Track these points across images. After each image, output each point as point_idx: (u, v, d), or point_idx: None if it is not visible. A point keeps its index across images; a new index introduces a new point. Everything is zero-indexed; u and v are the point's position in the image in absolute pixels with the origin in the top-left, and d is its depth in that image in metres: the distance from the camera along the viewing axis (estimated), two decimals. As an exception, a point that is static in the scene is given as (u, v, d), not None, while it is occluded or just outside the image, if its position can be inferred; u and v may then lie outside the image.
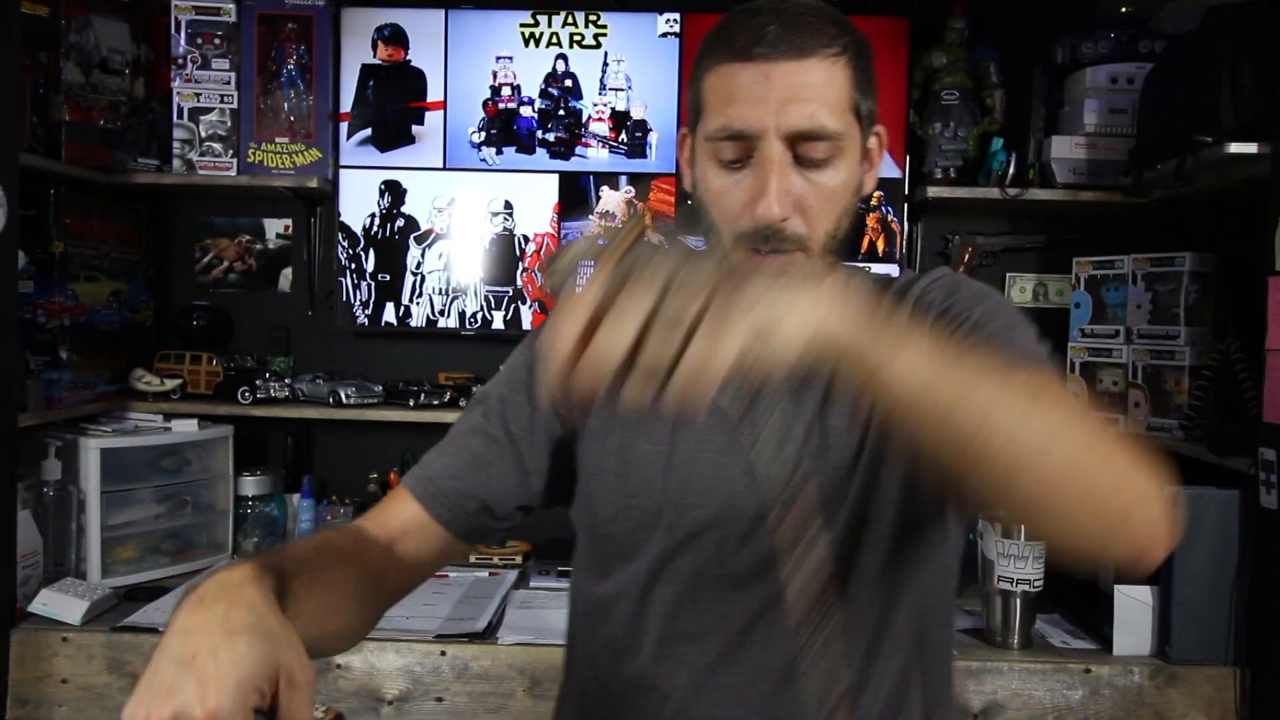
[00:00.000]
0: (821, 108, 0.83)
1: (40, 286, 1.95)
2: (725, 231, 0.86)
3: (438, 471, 0.95)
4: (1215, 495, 1.65)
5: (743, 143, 0.83)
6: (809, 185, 0.84)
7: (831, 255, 0.88)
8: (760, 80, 0.82)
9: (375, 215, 2.22)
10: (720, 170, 0.86)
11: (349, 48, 2.19)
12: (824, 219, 0.86)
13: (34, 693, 1.70)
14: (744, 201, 0.84)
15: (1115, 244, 2.12)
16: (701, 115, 0.87)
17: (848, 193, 0.87)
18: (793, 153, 0.83)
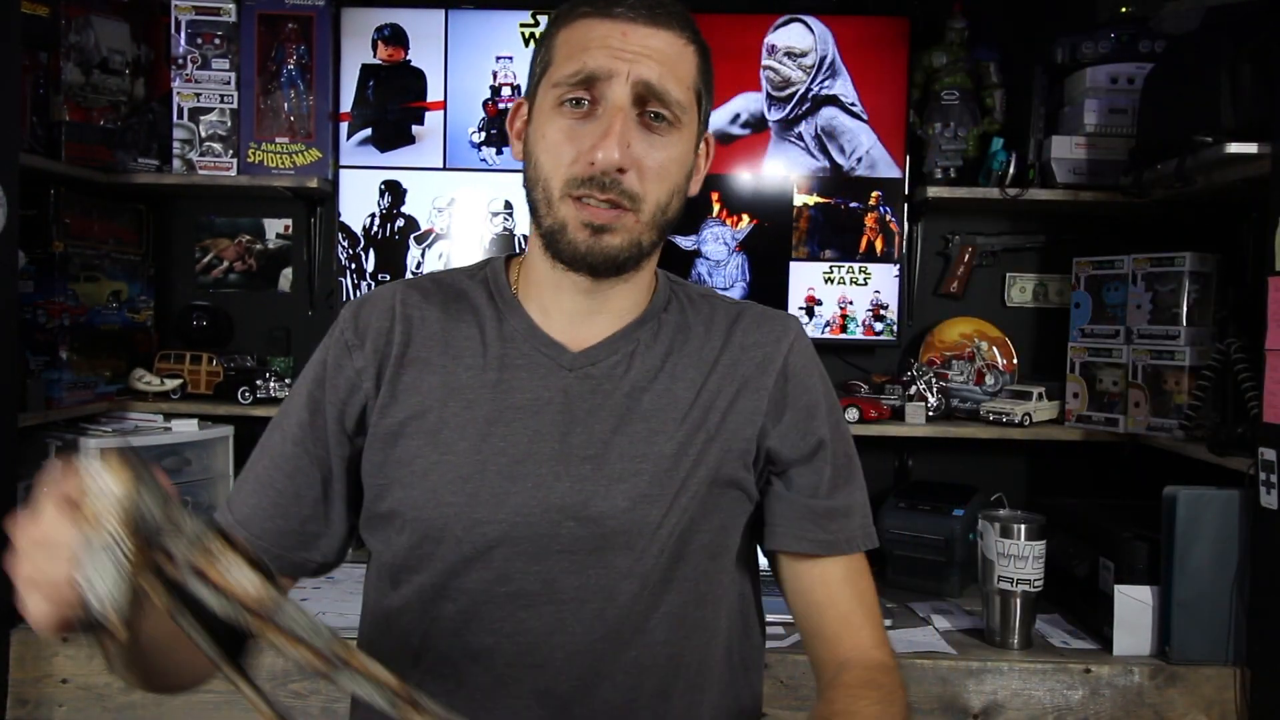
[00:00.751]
0: (670, 74, 0.85)
1: (40, 286, 1.95)
2: (556, 179, 0.86)
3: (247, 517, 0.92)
4: (1215, 495, 1.65)
5: (591, 88, 0.84)
6: (648, 148, 0.86)
7: (657, 234, 0.90)
8: (617, 34, 0.84)
9: (375, 215, 2.22)
10: (562, 117, 0.86)
11: (349, 48, 2.19)
12: (656, 185, 0.87)
13: (34, 693, 1.70)
14: (582, 149, 0.84)
15: (1115, 244, 2.12)
16: (550, 67, 0.88)
17: (680, 171, 0.89)
18: (637, 111, 0.85)
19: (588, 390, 0.91)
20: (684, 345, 0.95)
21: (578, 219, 0.86)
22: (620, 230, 0.87)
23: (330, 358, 0.94)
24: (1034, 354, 2.29)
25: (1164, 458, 1.93)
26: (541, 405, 0.90)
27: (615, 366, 0.92)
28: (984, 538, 1.74)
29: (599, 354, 0.93)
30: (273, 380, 2.16)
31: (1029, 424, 2.05)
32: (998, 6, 2.22)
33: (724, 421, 0.92)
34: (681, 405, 0.92)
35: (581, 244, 0.86)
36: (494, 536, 0.87)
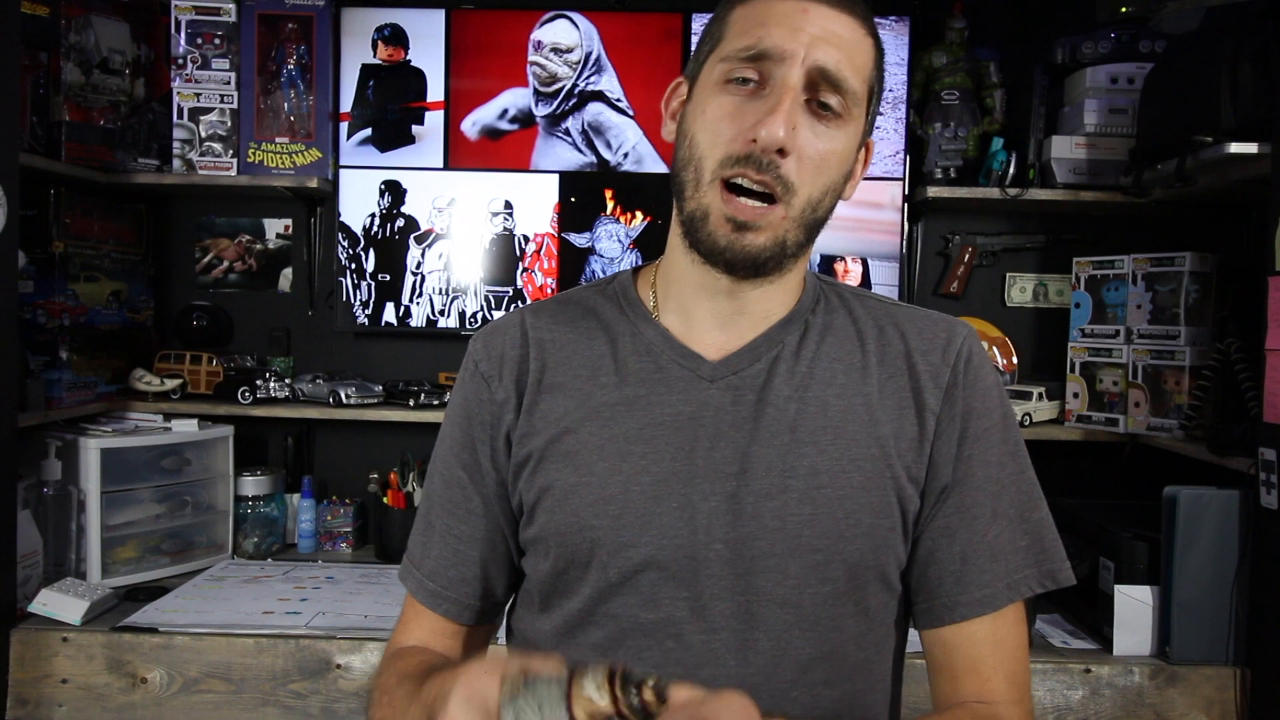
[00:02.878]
0: (847, 62, 0.79)
1: (40, 286, 1.95)
2: (710, 159, 0.80)
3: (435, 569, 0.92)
4: (1215, 495, 1.65)
5: (763, 65, 0.79)
6: (812, 136, 0.79)
7: (805, 233, 0.83)
8: (798, 13, 0.79)
9: (375, 215, 2.22)
10: (727, 93, 0.80)
11: (349, 48, 2.19)
12: (813, 178, 0.80)
13: (34, 693, 1.70)
14: (744, 127, 0.79)
15: (1115, 244, 2.12)
16: (721, 42, 0.82)
17: (839, 167, 0.82)
18: (807, 97, 0.79)
19: (730, 401, 0.85)
20: (835, 348, 0.88)
21: (722, 211, 0.80)
22: (765, 228, 0.80)
23: (470, 393, 0.91)
24: (1034, 354, 2.29)
25: (1164, 458, 1.93)
26: (683, 420, 0.85)
27: (759, 374, 0.86)
28: (984, 538, 1.73)
29: (740, 362, 0.87)
30: (273, 380, 2.16)
31: (1029, 424, 2.05)
32: (998, 6, 2.22)
33: (886, 435, 0.85)
34: (833, 413, 0.85)
35: (722, 238, 0.80)
36: (640, 560, 0.82)
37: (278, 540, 2.24)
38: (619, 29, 2.18)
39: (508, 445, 0.89)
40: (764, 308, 0.87)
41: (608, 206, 2.20)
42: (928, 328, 0.90)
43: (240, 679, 1.69)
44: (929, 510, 0.86)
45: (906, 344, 0.89)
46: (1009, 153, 2.06)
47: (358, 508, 2.29)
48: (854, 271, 2.19)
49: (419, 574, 0.93)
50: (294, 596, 1.89)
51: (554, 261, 2.22)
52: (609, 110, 2.18)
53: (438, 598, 0.91)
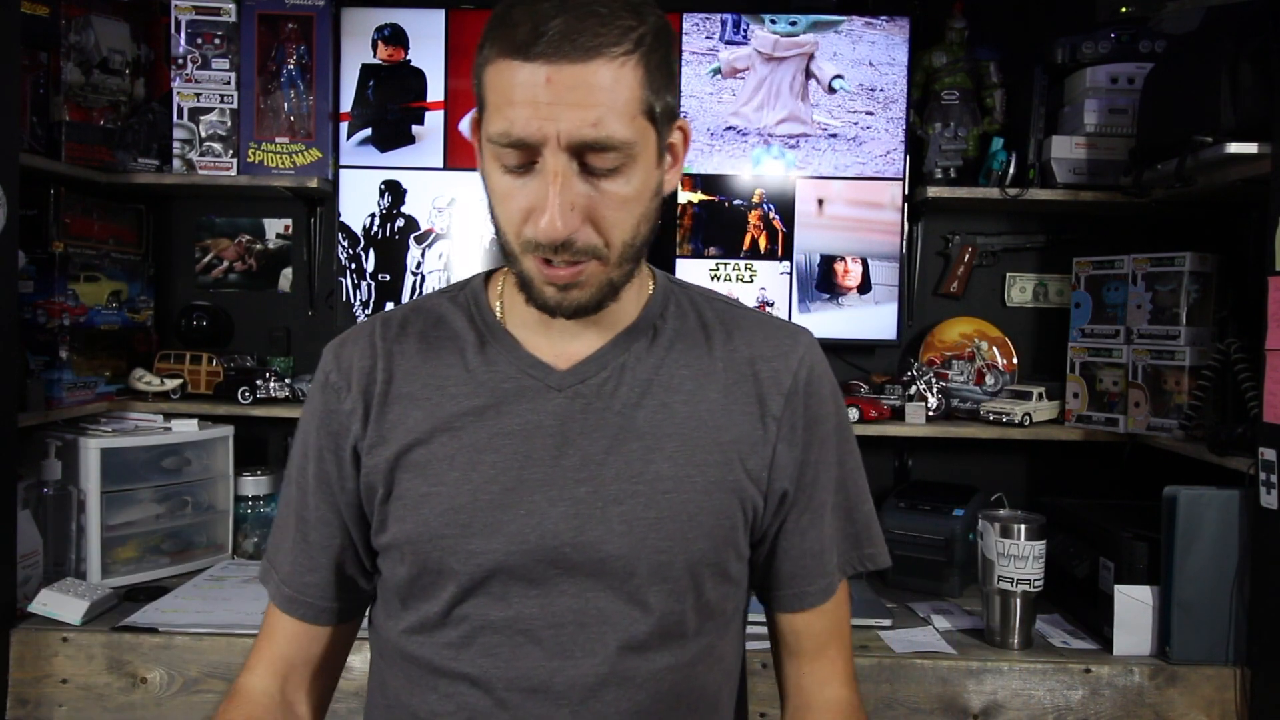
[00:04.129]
0: (609, 114, 0.74)
1: (40, 286, 1.95)
2: (511, 236, 0.81)
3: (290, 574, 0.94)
4: (1215, 495, 1.65)
5: (524, 150, 0.76)
6: (598, 194, 0.77)
7: (632, 263, 0.84)
8: (540, 83, 0.73)
9: (375, 215, 2.22)
10: (503, 174, 0.79)
11: (349, 48, 2.19)
12: (619, 227, 0.80)
13: (34, 693, 1.70)
14: (528, 209, 0.78)
15: (1115, 244, 2.12)
16: (484, 110, 0.79)
17: (644, 199, 0.81)
18: (579, 161, 0.76)
19: (579, 410, 0.87)
20: (682, 354, 0.91)
21: (542, 276, 0.81)
22: (587, 283, 0.81)
23: (320, 403, 0.93)
24: (1034, 354, 2.29)
25: (1164, 458, 1.93)
26: (531, 429, 0.86)
27: (606, 382, 0.88)
28: (984, 538, 1.74)
29: (588, 370, 0.88)
30: (273, 380, 2.16)
31: (1029, 424, 2.05)
32: (998, 6, 2.22)
33: (729, 440, 0.88)
34: (679, 419, 0.88)
35: (551, 299, 0.82)
36: (490, 566, 0.85)
37: (278, 540, 2.24)
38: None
39: (355, 455, 0.90)
40: (610, 316, 0.89)
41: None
42: (773, 334, 0.93)
43: (240, 679, 1.69)
44: (774, 509, 0.92)
45: (752, 349, 0.92)
46: (1009, 153, 2.06)
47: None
48: (854, 271, 2.19)
49: (275, 577, 0.96)
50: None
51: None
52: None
53: (293, 603, 0.94)
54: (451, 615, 0.87)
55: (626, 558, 0.85)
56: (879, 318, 2.19)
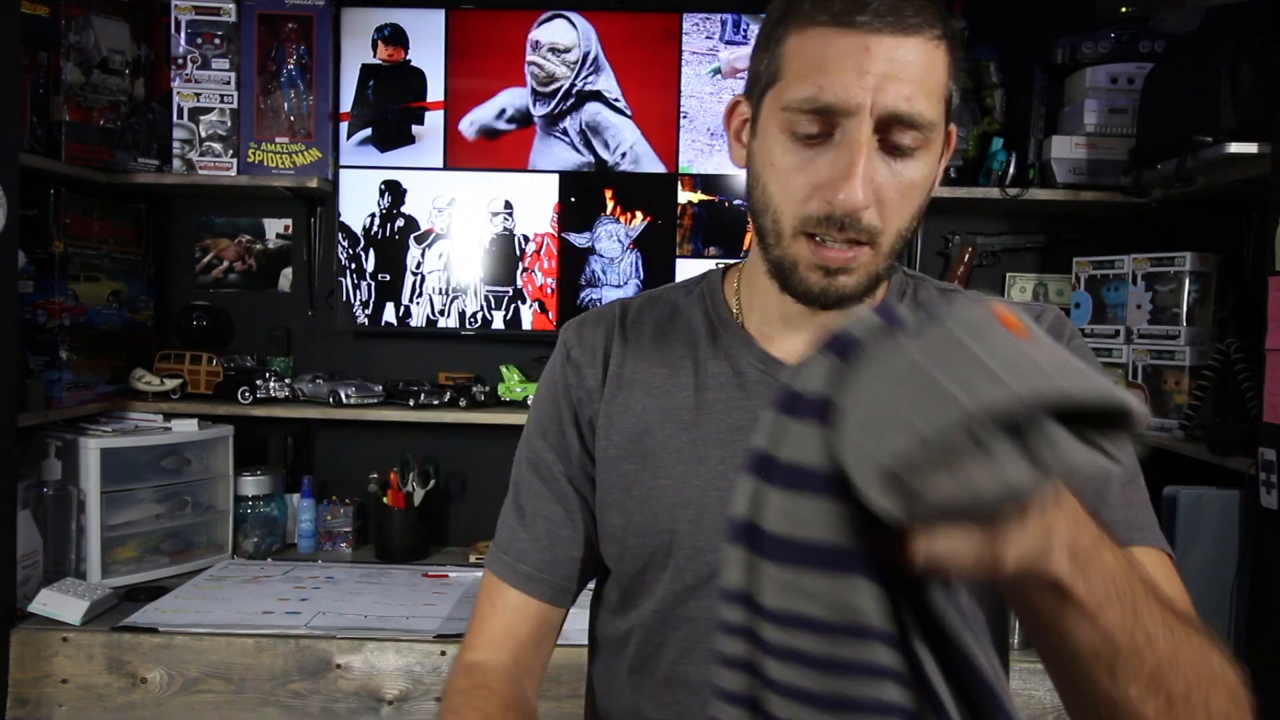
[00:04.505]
0: (920, 92, 0.73)
1: (40, 286, 1.95)
2: (788, 214, 0.77)
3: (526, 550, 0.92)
4: (1215, 495, 1.65)
5: (828, 118, 0.74)
6: (891, 175, 0.75)
7: (896, 257, 0.81)
8: (860, 51, 0.72)
9: (375, 215, 2.22)
10: (793, 145, 0.76)
11: (349, 48, 2.19)
12: (899, 214, 0.77)
13: (34, 693, 1.70)
14: (818, 183, 0.75)
15: (1115, 244, 2.12)
16: (779, 81, 0.76)
17: (924, 189, 0.79)
18: (879, 137, 0.74)
19: None
20: None
21: (811, 260, 0.78)
22: (857, 270, 0.78)
23: (562, 378, 0.92)
24: (1034, 354, 2.29)
25: (1164, 458, 1.93)
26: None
27: None
28: (984, 538, 1.73)
29: None
30: (273, 380, 2.16)
31: (1029, 424, 2.05)
32: (998, 6, 2.22)
33: None
34: None
35: (815, 285, 0.79)
36: (718, 564, 0.81)
37: (278, 540, 2.24)
38: (617, 29, 2.18)
39: (594, 429, 0.90)
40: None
41: (608, 206, 2.20)
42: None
43: (240, 679, 1.69)
44: None
45: None
46: (1009, 153, 2.06)
47: (358, 508, 2.29)
48: (854, 271, 2.19)
49: (507, 558, 0.92)
50: (294, 596, 1.89)
51: (554, 261, 2.22)
52: (607, 110, 2.18)
53: (531, 580, 0.91)
54: (674, 615, 0.85)
55: None
56: (879, 318, 2.19)
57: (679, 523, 0.84)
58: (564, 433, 0.91)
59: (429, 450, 2.28)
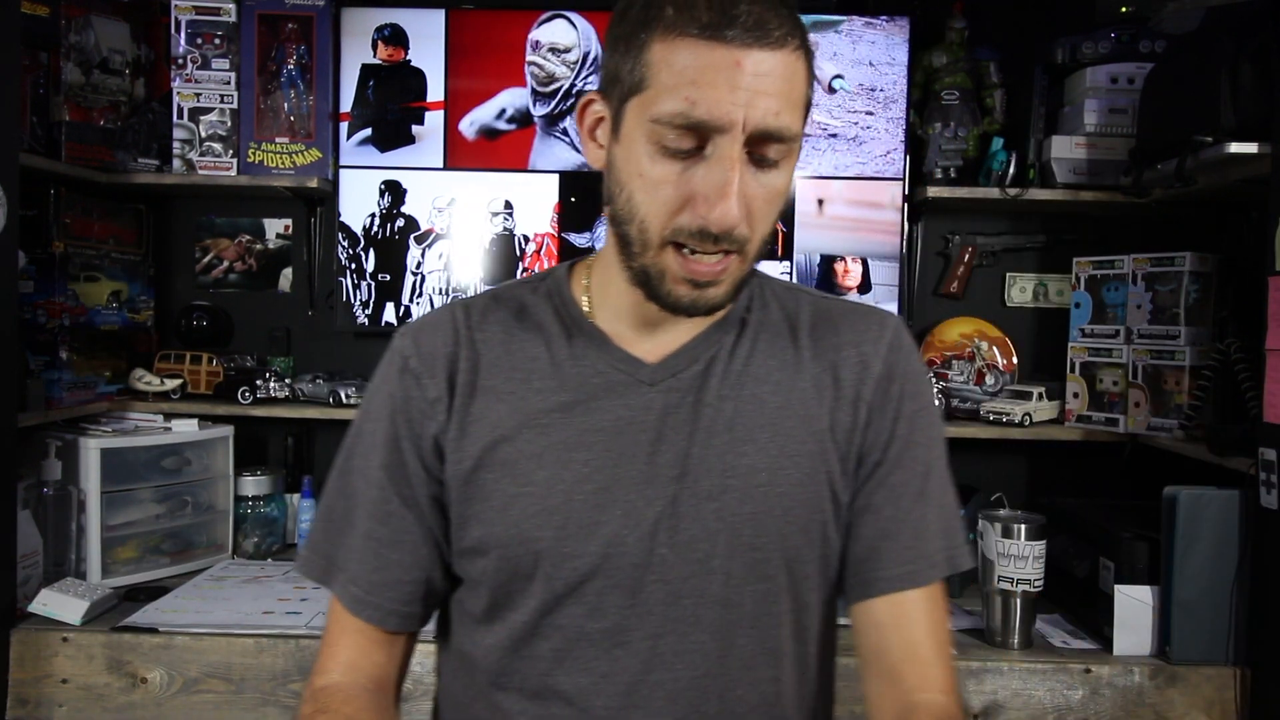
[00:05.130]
0: (786, 105, 0.74)
1: (40, 286, 1.95)
2: (656, 226, 0.76)
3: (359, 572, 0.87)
4: (1215, 495, 1.65)
5: (698, 134, 0.73)
6: (759, 187, 0.76)
7: (758, 262, 0.82)
8: (731, 66, 0.71)
9: (375, 215, 2.22)
10: (662, 157, 0.75)
11: (349, 48, 2.19)
12: (765, 222, 0.78)
13: (34, 693, 1.70)
14: (689, 197, 0.75)
15: (1115, 244, 2.12)
16: (644, 89, 0.75)
17: (786, 195, 0.80)
18: (747, 150, 0.75)
19: (672, 405, 0.84)
20: (769, 345, 0.88)
21: (679, 273, 0.77)
22: (726, 280, 0.79)
23: (398, 389, 0.87)
24: (1034, 354, 2.29)
25: (1164, 458, 1.93)
26: (624, 426, 0.83)
27: (698, 376, 0.85)
28: (984, 538, 1.74)
29: (678, 364, 0.85)
30: (273, 380, 2.16)
31: (1029, 424, 2.05)
32: (998, 6, 2.22)
33: (822, 429, 0.85)
34: (770, 411, 0.85)
35: (685, 297, 0.79)
36: (586, 570, 0.81)
37: (278, 540, 2.24)
38: (618, 29, 2.17)
39: (437, 447, 0.85)
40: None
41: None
42: (859, 320, 0.90)
43: (240, 679, 1.69)
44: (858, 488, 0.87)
45: (839, 337, 0.89)
46: (1009, 153, 2.06)
47: (358, 508, 2.28)
48: (854, 271, 2.19)
49: (343, 577, 0.88)
50: (294, 596, 1.89)
51: (554, 261, 2.22)
52: (608, 110, 2.18)
53: (361, 603, 0.87)
54: (543, 625, 0.83)
55: (723, 557, 0.82)
56: (879, 318, 2.19)
57: (544, 530, 0.81)
58: (398, 447, 0.86)
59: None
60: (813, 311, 0.91)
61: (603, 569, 0.81)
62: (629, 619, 0.81)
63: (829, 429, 0.86)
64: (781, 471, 0.83)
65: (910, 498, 0.87)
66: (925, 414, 0.89)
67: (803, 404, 0.86)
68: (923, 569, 0.86)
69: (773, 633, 0.84)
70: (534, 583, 0.83)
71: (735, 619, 0.83)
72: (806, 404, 0.86)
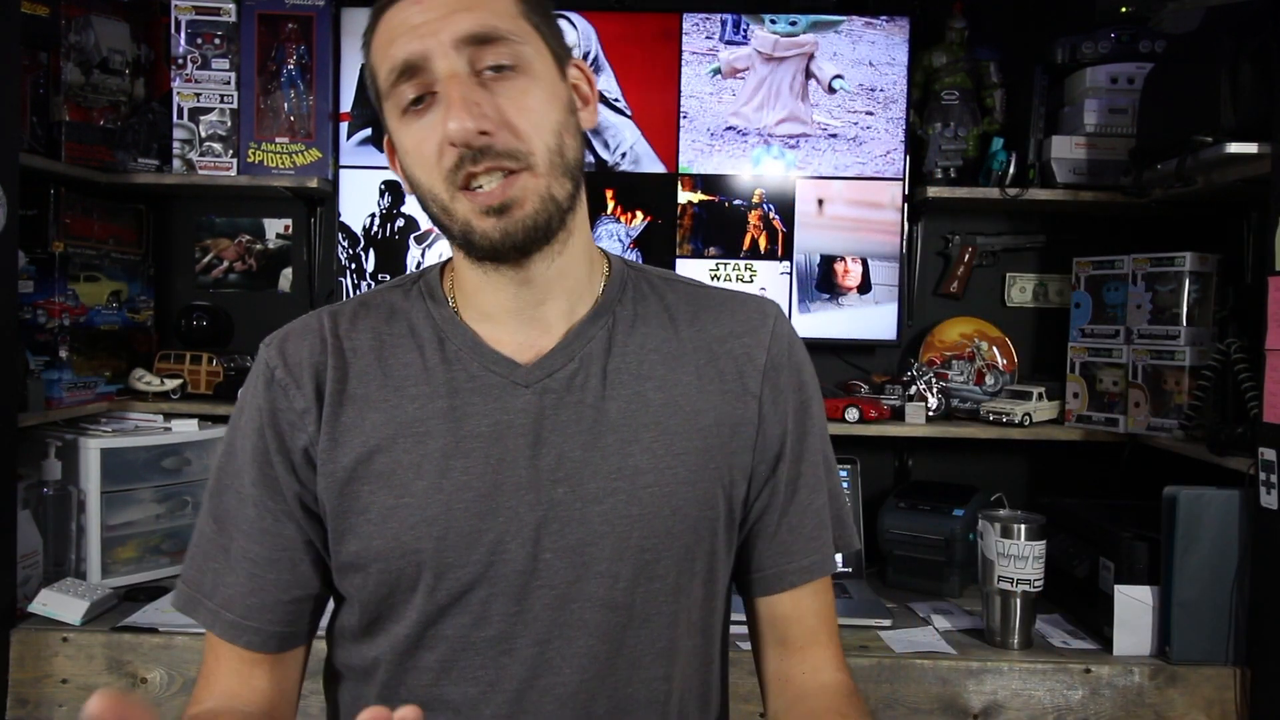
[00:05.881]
0: (487, 14, 0.75)
1: (40, 286, 1.95)
2: (435, 182, 0.77)
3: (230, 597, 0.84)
4: (1215, 495, 1.65)
5: (419, 79, 0.75)
6: (504, 96, 0.76)
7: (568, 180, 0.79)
8: (413, 10, 0.75)
9: (375, 215, 2.22)
10: (409, 120, 0.77)
11: (349, 48, 2.19)
12: (537, 130, 0.76)
13: (34, 693, 1.70)
14: (440, 139, 0.75)
15: (1115, 244, 2.12)
16: (378, 82, 0.79)
17: (553, 107, 0.78)
18: (472, 70, 0.75)
19: (549, 406, 0.82)
20: (648, 339, 0.86)
21: (474, 208, 0.76)
22: (523, 197, 0.76)
23: (264, 402, 0.84)
24: (1034, 354, 2.29)
25: (1164, 458, 1.93)
26: (502, 430, 0.81)
27: (574, 375, 0.83)
28: (984, 538, 1.74)
29: (554, 363, 0.83)
30: (273, 380, 2.16)
31: (1029, 424, 2.05)
32: (998, 6, 2.22)
33: (709, 425, 0.84)
34: (654, 408, 0.83)
35: (493, 231, 0.77)
36: (469, 579, 0.79)
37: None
38: (617, 29, 2.18)
39: (308, 459, 0.82)
40: (563, 288, 0.84)
41: (608, 206, 2.20)
42: (738, 309, 0.89)
43: (240, 679, 1.69)
44: (759, 488, 0.88)
45: (720, 327, 0.88)
46: (1009, 153, 2.06)
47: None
48: (854, 271, 2.19)
49: (211, 604, 0.84)
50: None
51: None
52: (607, 110, 2.18)
53: (237, 629, 0.83)
54: (426, 636, 0.81)
55: (610, 559, 0.80)
56: (879, 318, 2.19)
57: (424, 541, 0.79)
58: (267, 462, 0.83)
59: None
60: (690, 301, 0.90)
61: (486, 577, 0.80)
62: (514, 626, 0.80)
63: (716, 424, 0.85)
64: (669, 471, 0.82)
65: (808, 490, 0.89)
66: (813, 402, 0.90)
67: (687, 399, 0.84)
68: (824, 560, 0.89)
69: (664, 632, 0.83)
70: (416, 594, 0.80)
71: (623, 620, 0.82)
72: (691, 399, 0.84)
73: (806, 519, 0.89)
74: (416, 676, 0.82)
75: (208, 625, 0.85)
